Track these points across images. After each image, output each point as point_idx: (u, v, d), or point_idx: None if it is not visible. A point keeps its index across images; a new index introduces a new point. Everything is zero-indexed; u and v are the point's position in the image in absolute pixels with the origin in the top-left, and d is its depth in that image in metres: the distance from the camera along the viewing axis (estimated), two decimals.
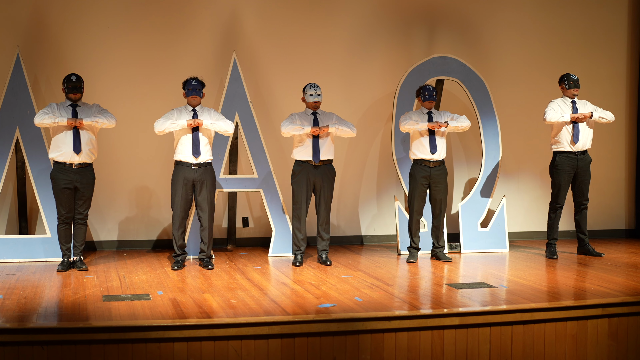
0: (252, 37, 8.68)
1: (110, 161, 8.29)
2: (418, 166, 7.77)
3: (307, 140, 7.49)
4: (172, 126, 7.21)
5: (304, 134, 7.46)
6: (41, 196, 7.74)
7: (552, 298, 5.97)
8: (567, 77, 7.94)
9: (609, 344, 5.75)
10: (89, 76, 8.03)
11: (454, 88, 8.98)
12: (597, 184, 9.06)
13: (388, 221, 9.05)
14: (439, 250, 7.92)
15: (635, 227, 9.72)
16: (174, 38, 8.50)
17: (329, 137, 7.56)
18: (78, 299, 5.89)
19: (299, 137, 7.51)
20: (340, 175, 8.79)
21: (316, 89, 7.54)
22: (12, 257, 7.64)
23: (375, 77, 9.01)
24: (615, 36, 9.63)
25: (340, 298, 5.96)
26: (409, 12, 9.05)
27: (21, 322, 5.19)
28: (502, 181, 9.04)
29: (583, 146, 7.90)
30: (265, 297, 6.02)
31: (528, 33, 9.36)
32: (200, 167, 7.29)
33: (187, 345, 5.06)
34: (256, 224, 8.84)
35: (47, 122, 7.01)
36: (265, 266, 7.52)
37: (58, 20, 8.24)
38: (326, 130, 7.45)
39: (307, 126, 7.45)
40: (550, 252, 8.01)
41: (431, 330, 5.40)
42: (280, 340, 5.18)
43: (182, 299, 5.91)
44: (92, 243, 8.42)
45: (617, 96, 9.66)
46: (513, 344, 5.56)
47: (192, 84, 7.29)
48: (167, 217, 8.42)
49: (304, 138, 7.49)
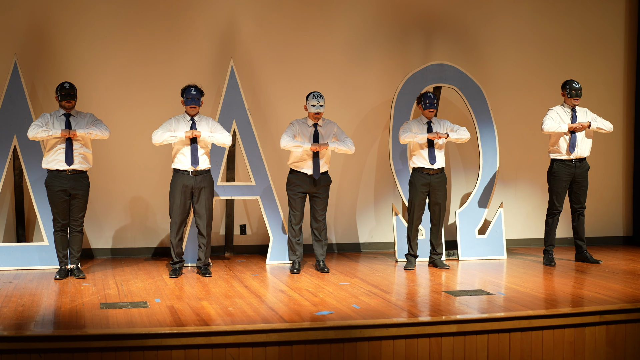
0: (250, 44, 8.69)
1: (107, 168, 8.29)
2: (418, 174, 7.76)
3: (306, 156, 7.44)
4: (170, 138, 7.19)
5: (303, 151, 7.43)
6: (38, 204, 7.73)
7: (550, 305, 5.97)
8: (570, 85, 7.89)
9: (606, 351, 5.75)
10: (86, 83, 8.04)
11: (451, 95, 8.99)
12: (594, 191, 9.06)
13: (385, 228, 9.05)
14: (436, 257, 7.92)
15: (633, 234, 9.72)
16: (172, 45, 8.50)
17: (327, 153, 7.53)
18: (75, 307, 5.88)
19: (298, 154, 7.48)
20: (338, 182, 8.79)
21: (319, 99, 7.43)
22: (10, 264, 7.63)
23: (373, 85, 9.01)
24: (612, 43, 9.65)
25: (337, 305, 5.96)
26: (406, 19, 9.06)
27: (18, 330, 5.19)
28: (499, 188, 9.04)
29: (580, 154, 7.91)
30: (262, 304, 6.02)
31: (525, 40, 9.38)
32: (198, 175, 7.28)
33: (184, 353, 5.05)
34: (254, 231, 8.83)
35: (40, 136, 6.99)
36: (262, 273, 7.51)
37: (55, 28, 8.25)
38: (325, 148, 7.42)
39: (306, 143, 7.40)
40: (548, 259, 8.01)
41: (429, 337, 5.40)
42: (278, 348, 5.17)
43: (179, 306, 5.90)
44: (90, 251, 8.41)
45: (614, 103, 9.67)
46: (511, 351, 5.55)
47: (191, 93, 7.24)
48: (164, 225, 8.41)
49: (304, 156, 7.44)
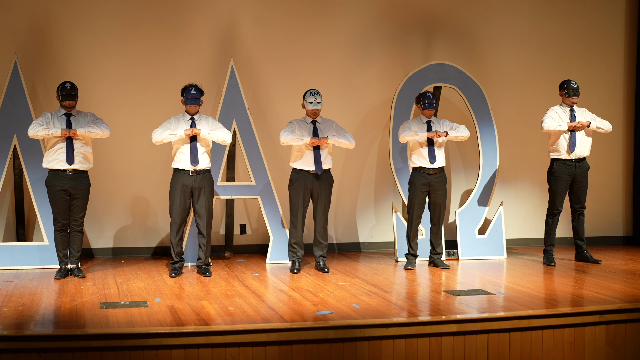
0: (250, 43, 8.69)
1: (107, 168, 8.29)
2: (418, 173, 7.76)
3: (307, 151, 7.46)
4: (170, 137, 7.19)
5: (303, 144, 7.46)
6: (38, 203, 7.73)
7: (550, 305, 5.96)
8: (568, 84, 7.92)
9: (606, 351, 5.75)
10: (86, 83, 8.03)
11: (451, 95, 8.99)
12: (594, 191, 9.07)
13: (386, 228, 9.05)
14: (436, 257, 7.92)
15: (633, 234, 9.72)
16: (172, 45, 8.50)
17: (327, 148, 7.54)
18: (75, 306, 5.88)
19: (298, 147, 7.48)
20: (338, 182, 8.79)
21: (316, 96, 7.48)
22: (10, 264, 7.63)
23: (373, 84, 9.01)
24: (612, 43, 9.64)
25: (338, 305, 5.96)
26: (406, 19, 9.06)
27: (18, 329, 5.19)
28: (499, 188, 9.04)
29: (580, 153, 7.91)
30: (262, 304, 6.02)
31: (525, 39, 9.37)
32: (198, 174, 7.28)
33: (184, 352, 5.05)
34: (254, 231, 8.83)
35: (41, 134, 6.99)
36: (262, 273, 7.51)
37: (55, 27, 8.25)
38: (325, 141, 7.42)
39: (306, 137, 7.43)
40: (548, 259, 8.01)
41: (429, 337, 5.40)
42: (278, 348, 5.17)
43: (179, 306, 5.90)
44: (90, 250, 8.41)
45: (615, 103, 9.67)
46: (511, 351, 5.55)
47: (191, 93, 7.25)
48: (164, 225, 8.41)
49: (303, 149, 7.47)
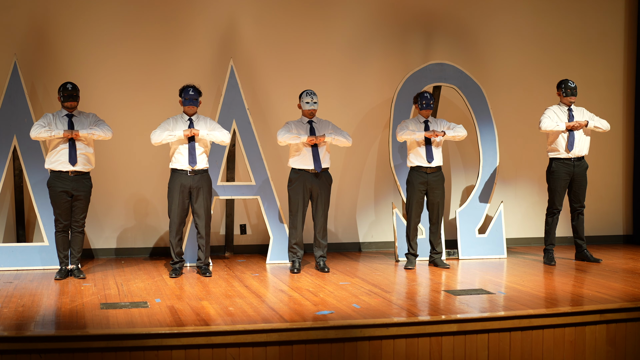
0: (250, 44, 8.69)
1: (106, 169, 8.28)
2: (415, 172, 7.77)
3: (304, 150, 7.47)
4: (168, 137, 7.20)
5: (301, 143, 7.46)
6: (39, 204, 7.73)
7: (550, 304, 5.96)
8: (565, 84, 7.94)
9: (607, 350, 5.75)
10: (85, 83, 8.03)
11: (451, 94, 8.99)
12: (594, 190, 9.07)
13: (386, 228, 9.05)
14: (436, 256, 7.92)
15: (633, 233, 9.72)
16: (171, 45, 8.50)
17: (325, 146, 7.55)
18: (76, 307, 5.88)
19: (296, 146, 7.50)
20: (338, 182, 8.79)
21: (312, 96, 7.51)
22: (10, 265, 7.63)
23: (373, 84, 9.01)
24: (612, 42, 9.64)
25: (338, 305, 5.96)
26: (405, 18, 9.06)
27: (19, 330, 5.19)
28: (499, 187, 9.04)
29: (579, 152, 7.91)
30: (263, 304, 6.02)
31: (525, 38, 9.37)
32: (196, 174, 7.29)
33: (185, 352, 5.05)
34: (254, 231, 8.83)
35: (43, 136, 6.99)
36: (262, 273, 7.51)
37: (55, 28, 8.25)
38: (322, 139, 7.43)
39: (303, 135, 7.44)
40: (548, 258, 8.01)
41: (429, 337, 5.40)
42: (278, 348, 5.17)
43: (179, 306, 5.90)
44: (90, 251, 8.41)
45: (614, 102, 9.66)
46: (511, 350, 5.55)
47: (189, 93, 7.26)
48: (164, 225, 8.41)
49: (301, 147, 7.47)
